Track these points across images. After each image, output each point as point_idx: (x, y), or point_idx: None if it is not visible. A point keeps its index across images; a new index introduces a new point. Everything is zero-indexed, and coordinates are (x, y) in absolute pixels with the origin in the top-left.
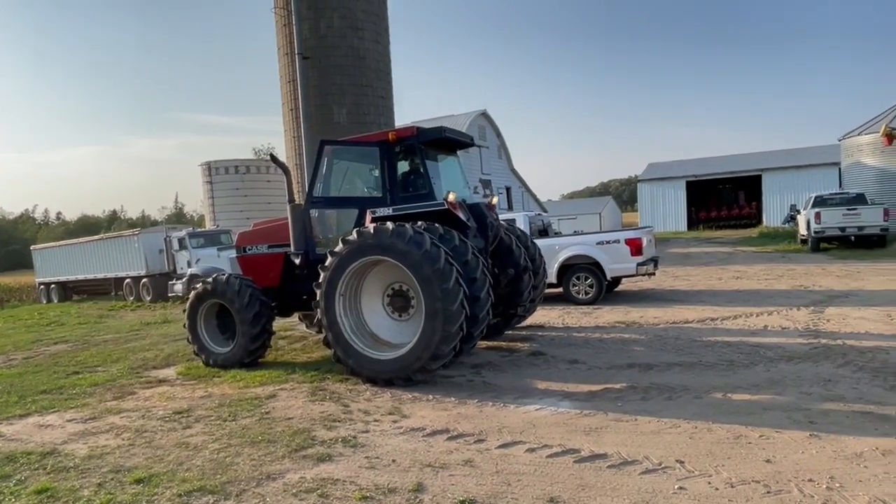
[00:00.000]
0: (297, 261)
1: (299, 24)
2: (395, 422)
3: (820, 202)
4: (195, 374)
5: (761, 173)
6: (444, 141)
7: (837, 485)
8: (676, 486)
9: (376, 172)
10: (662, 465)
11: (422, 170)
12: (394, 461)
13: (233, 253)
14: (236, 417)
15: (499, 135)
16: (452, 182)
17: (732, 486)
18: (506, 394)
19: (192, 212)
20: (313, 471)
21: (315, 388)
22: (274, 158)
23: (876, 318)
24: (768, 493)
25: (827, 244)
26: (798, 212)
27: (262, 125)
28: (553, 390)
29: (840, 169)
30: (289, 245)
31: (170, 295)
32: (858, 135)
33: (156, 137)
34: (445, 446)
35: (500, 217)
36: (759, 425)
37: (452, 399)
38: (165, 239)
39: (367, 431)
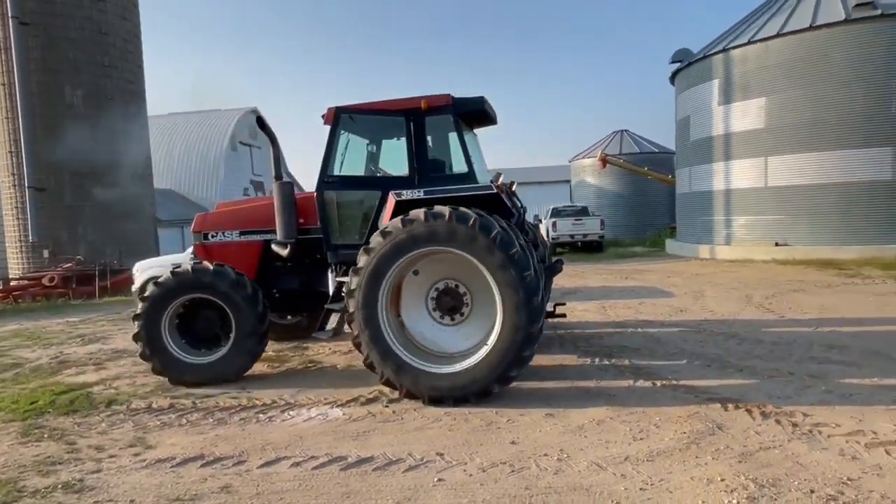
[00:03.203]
0: (285, 252)
1: None
2: (137, 455)
3: (556, 213)
4: None
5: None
6: (471, 114)
7: (565, 455)
8: (436, 479)
9: (402, 147)
10: (424, 460)
11: (459, 146)
12: (132, 502)
13: None
14: None
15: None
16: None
17: (484, 471)
18: (273, 408)
19: None
20: None
21: (29, 427)
22: (261, 123)
23: (595, 310)
24: (513, 472)
25: (561, 248)
26: (540, 221)
27: None
28: (323, 399)
29: (570, 185)
30: (268, 231)
31: None
32: (583, 158)
33: None
34: (199, 474)
35: None
36: (508, 411)
37: (210, 420)
38: None
39: (98, 471)
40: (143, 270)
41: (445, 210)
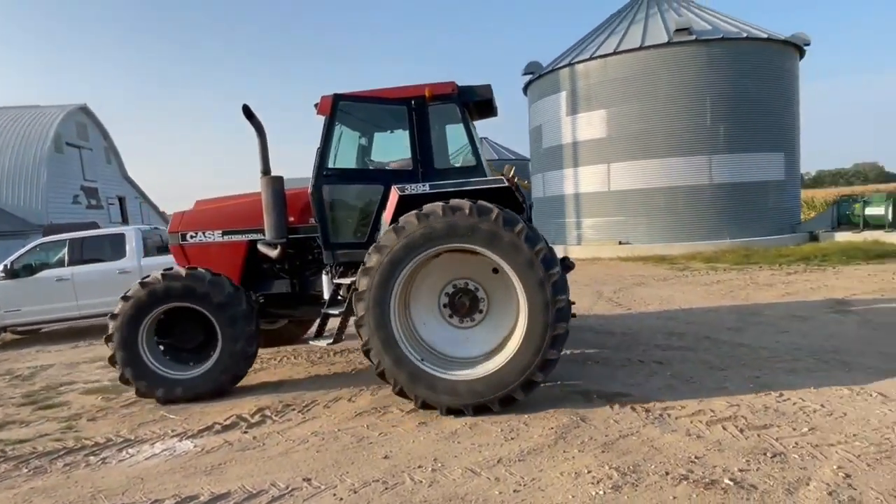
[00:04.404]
0: (274, 253)
1: None
2: None
3: None
4: None
5: None
6: (475, 104)
7: (440, 465)
8: None
9: (404, 138)
10: (290, 489)
11: (466, 137)
12: None
13: None
14: None
15: (106, 136)
16: None
17: (356, 492)
18: (107, 447)
19: None
20: None
21: None
22: (248, 112)
23: None
24: (387, 489)
25: None
26: None
27: None
28: (170, 430)
29: None
30: (254, 231)
31: None
32: None
33: None
34: None
35: (104, 232)
36: (380, 424)
37: (25, 471)
38: None
39: None
40: None
41: (465, 203)
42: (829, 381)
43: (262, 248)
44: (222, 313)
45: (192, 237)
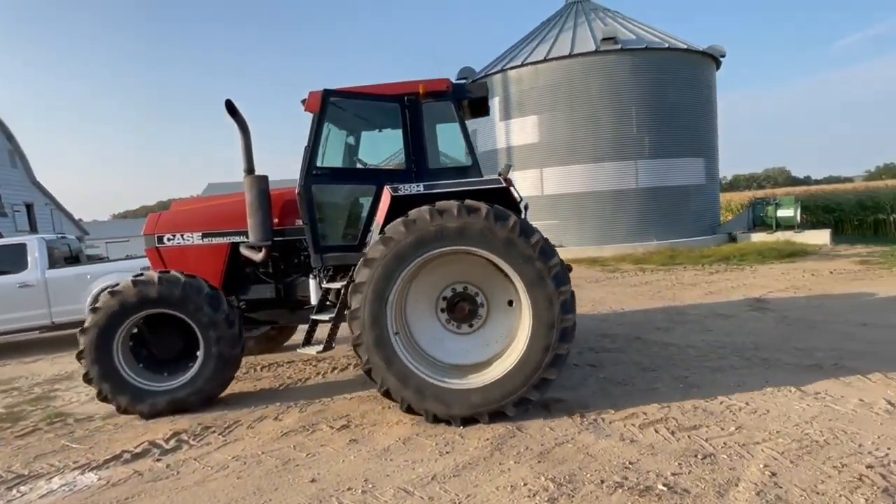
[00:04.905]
0: (259, 256)
1: None
2: None
3: None
4: None
5: None
6: (469, 102)
7: (370, 486)
8: None
9: (393, 137)
10: None
11: (461, 136)
12: None
13: None
14: None
15: (10, 138)
16: None
17: None
18: None
19: None
20: None
21: None
22: (231, 108)
23: None
24: None
25: None
26: None
27: None
28: (72, 462)
29: None
30: (236, 233)
31: None
32: None
33: None
34: None
35: (1, 242)
36: (307, 443)
37: None
38: None
39: None
40: None
41: (452, 204)
42: (751, 378)
43: (244, 250)
44: (202, 317)
45: (169, 240)
